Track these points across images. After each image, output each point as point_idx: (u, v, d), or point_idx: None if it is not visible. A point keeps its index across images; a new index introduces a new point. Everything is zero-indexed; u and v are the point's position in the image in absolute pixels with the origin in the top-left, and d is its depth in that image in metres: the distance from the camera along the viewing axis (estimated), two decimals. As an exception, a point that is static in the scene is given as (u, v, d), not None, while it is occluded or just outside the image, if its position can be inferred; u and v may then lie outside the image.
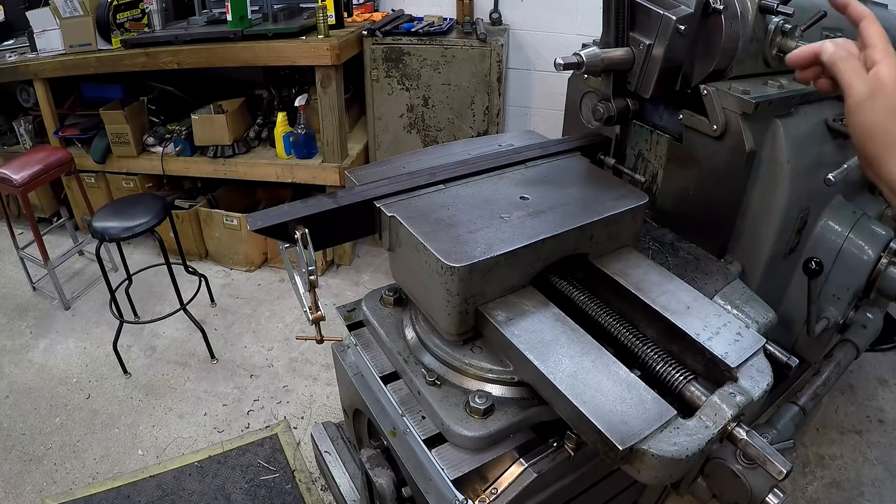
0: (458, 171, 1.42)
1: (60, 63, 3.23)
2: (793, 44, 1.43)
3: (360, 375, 1.51)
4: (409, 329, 1.38)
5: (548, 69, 3.54)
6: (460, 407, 1.19)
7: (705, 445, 0.95)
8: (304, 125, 3.29)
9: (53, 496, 2.25)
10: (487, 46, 3.10)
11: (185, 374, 2.81)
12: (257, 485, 2.25)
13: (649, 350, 1.12)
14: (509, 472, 1.20)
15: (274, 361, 2.89)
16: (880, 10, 1.98)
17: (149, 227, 2.56)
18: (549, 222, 1.23)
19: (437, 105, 3.31)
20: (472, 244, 1.15)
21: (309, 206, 1.25)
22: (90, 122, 3.55)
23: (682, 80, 1.41)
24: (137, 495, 2.22)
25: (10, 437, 2.51)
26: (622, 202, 1.32)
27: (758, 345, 1.12)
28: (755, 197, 1.47)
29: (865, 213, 1.69)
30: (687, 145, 1.51)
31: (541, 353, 1.09)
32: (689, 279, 1.39)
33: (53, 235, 3.76)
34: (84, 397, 2.70)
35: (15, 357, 2.95)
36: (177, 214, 3.37)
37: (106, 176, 3.61)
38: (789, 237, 1.55)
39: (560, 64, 1.32)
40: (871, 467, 2.38)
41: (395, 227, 1.26)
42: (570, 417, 1.02)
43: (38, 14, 3.28)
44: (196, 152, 3.44)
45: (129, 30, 3.24)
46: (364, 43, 3.19)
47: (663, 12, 1.28)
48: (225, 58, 3.03)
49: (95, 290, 3.41)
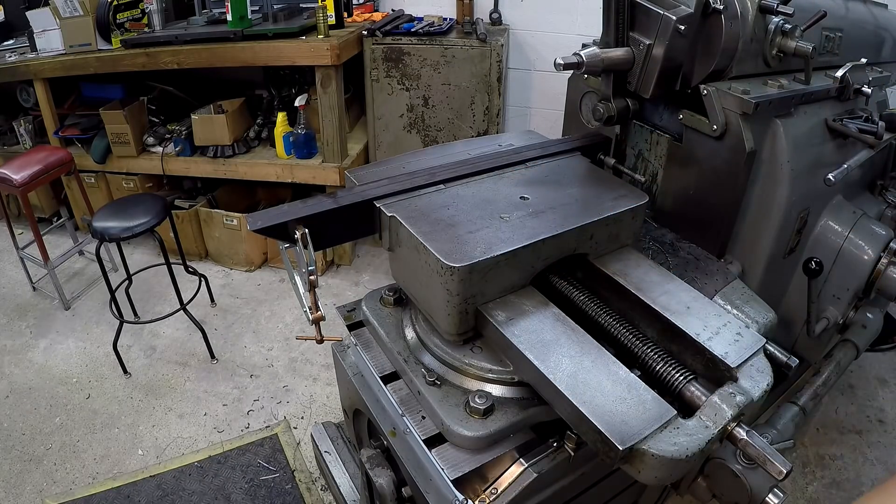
0: (458, 171, 1.42)
1: (60, 63, 3.23)
2: (792, 44, 1.43)
3: (360, 375, 1.51)
4: (409, 329, 1.38)
5: (548, 69, 3.54)
6: (460, 407, 1.19)
7: (705, 445, 0.95)
8: (304, 125, 3.29)
9: (53, 496, 2.25)
10: (487, 46, 3.10)
11: (185, 374, 2.81)
12: (257, 485, 2.25)
13: (649, 350, 1.12)
14: (509, 472, 1.20)
15: (274, 361, 2.89)
16: (880, 9, 1.98)
17: (149, 227, 2.56)
18: (549, 222, 1.23)
19: (437, 105, 3.31)
20: (472, 244, 1.15)
21: (309, 206, 1.25)
22: (90, 122, 3.55)
23: (682, 80, 1.41)
24: (137, 495, 2.22)
25: (10, 437, 2.51)
26: (622, 202, 1.32)
27: (758, 345, 1.12)
28: (755, 197, 1.47)
29: (865, 213, 1.69)
30: (687, 145, 1.51)
31: (541, 353, 1.09)
32: (689, 279, 1.39)
33: (53, 235, 3.75)
34: (84, 397, 2.70)
35: (15, 357, 2.95)
36: (177, 214, 3.37)
37: (106, 176, 3.61)
38: (789, 237, 1.55)
39: (560, 64, 1.33)
40: (871, 467, 2.38)
41: (395, 227, 1.26)
42: (570, 417, 1.02)
43: (38, 14, 3.28)
44: (196, 152, 3.44)
45: (129, 30, 3.24)
46: (364, 43, 3.19)
47: (663, 12, 1.28)
48: (225, 58, 3.03)
49: (95, 290, 3.41)
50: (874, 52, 1.90)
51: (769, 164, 1.43)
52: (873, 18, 1.90)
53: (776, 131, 1.42)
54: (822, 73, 1.56)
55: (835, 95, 1.58)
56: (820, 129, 1.55)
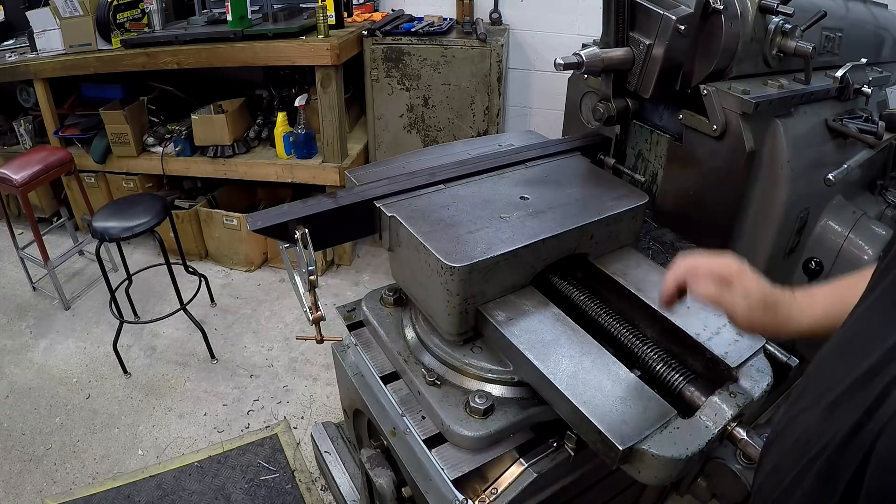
0: (458, 171, 1.42)
1: (60, 63, 3.22)
2: (792, 44, 1.43)
3: (360, 375, 1.51)
4: (409, 329, 1.38)
5: (548, 69, 3.54)
6: (460, 407, 1.19)
7: (705, 445, 0.95)
8: (304, 125, 3.29)
9: (53, 496, 2.25)
10: (487, 46, 3.10)
11: (185, 374, 2.81)
12: (257, 485, 2.25)
13: (649, 350, 1.12)
14: (509, 472, 1.20)
15: (274, 361, 2.89)
16: (880, 9, 1.98)
17: (149, 227, 2.56)
18: (549, 222, 1.24)
19: (437, 105, 3.31)
20: (472, 244, 1.15)
21: (309, 206, 1.25)
22: (90, 122, 3.55)
23: (682, 80, 1.41)
24: (137, 495, 2.22)
25: (10, 437, 2.51)
26: (622, 202, 1.32)
27: (758, 345, 1.12)
28: (755, 197, 1.47)
29: (865, 213, 1.68)
30: (687, 145, 1.51)
31: (541, 353, 1.09)
32: (689, 279, 1.39)
33: (53, 235, 3.75)
34: (84, 397, 2.70)
35: (15, 357, 2.94)
36: (177, 214, 3.36)
37: (106, 176, 3.60)
38: (789, 237, 1.55)
39: (560, 64, 1.33)
40: (871, 467, 2.38)
41: (395, 227, 1.26)
42: (570, 417, 1.02)
43: (38, 14, 3.28)
44: (196, 152, 3.44)
45: (129, 30, 3.24)
46: (364, 43, 3.19)
47: (663, 12, 1.28)
48: (225, 58, 3.02)
49: (95, 290, 3.40)
50: (874, 52, 1.90)
51: (769, 164, 1.43)
52: (873, 18, 1.90)
53: (776, 131, 1.42)
54: (822, 73, 1.56)
55: (835, 95, 1.58)
56: (820, 129, 1.55)
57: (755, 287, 0.90)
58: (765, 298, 0.89)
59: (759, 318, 0.89)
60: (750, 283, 0.90)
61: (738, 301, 0.89)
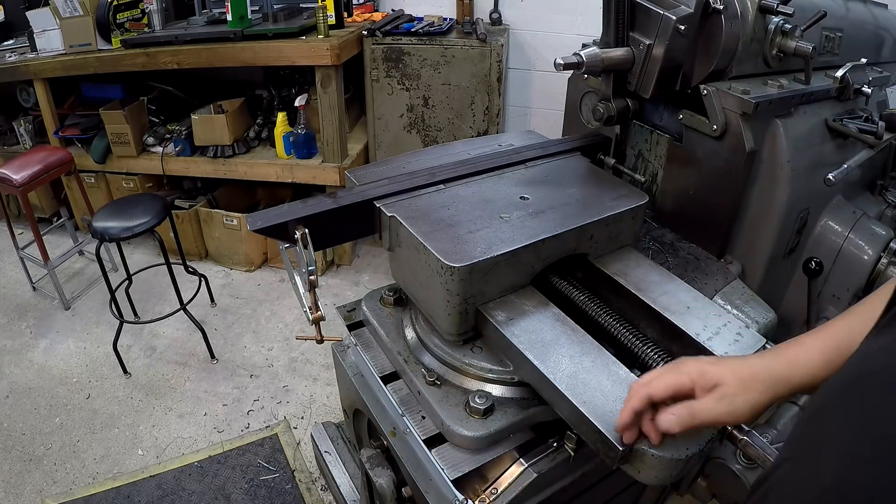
0: (458, 171, 1.42)
1: (60, 63, 3.22)
2: (792, 44, 1.43)
3: (360, 375, 1.51)
4: (409, 329, 1.38)
5: (548, 69, 3.54)
6: (460, 407, 1.19)
7: (705, 445, 0.95)
8: (304, 125, 3.29)
9: (53, 496, 2.25)
10: (487, 46, 3.10)
11: (185, 374, 2.81)
12: (257, 485, 2.25)
13: (649, 350, 1.12)
14: (509, 472, 1.20)
15: (274, 361, 2.89)
16: (880, 9, 1.98)
17: (149, 227, 2.56)
18: (549, 222, 1.23)
19: (437, 105, 3.31)
20: (472, 244, 1.15)
21: (309, 206, 1.25)
22: (90, 122, 3.55)
23: (682, 80, 1.41)
24: (137, 495, 2.22)
25: (10, 437, 2.51)
26: (622, 202, 1.32)
27: (758, 345, 1.12)
28: (755, 197, 1.47)
29: (865, 213, 1.69)
30: (687, 145, 1.51)
31: (541, 353, 1.09)
32: (689, 279, 1.39)
33: (53, 235, 3.75)
34: (84, 397, 2.70)
35: (15, 357, 2.94)
36: (177, 214, 3.36)
37: (106, 176, 3.61)
38: (789, 237, 1.55)
39: (560, 64, 1.33)
40: (871, 467, 2.38)
41: (395, 227, 1.26)
42: (570, 417, 1.02)
43: (38, 14, 3.28)
44: (196, 152, 3.44)
45: (129, 30, 3.24)
46: (364, 43, 3.19)
47: (663, 12, 1.28)
48: (225, 58, 3.03)
49: (95, 290, 3.40)
50: (874, 52, 1.90)
51: (769, 164, 1.43)
52: (873, 18, 1.90)
53: (776, 131, 1.42)
54: (822, 73, 1.56)
55: (835, 95, 1.58)
56: (820, 129, 1.55)
57: (719, 376, 0.81)
58: (739, 380, 0.80)
59: (750, 402, 0.79)
60: (713, 376, 0.81)
61: (713, 407, 0.80)
